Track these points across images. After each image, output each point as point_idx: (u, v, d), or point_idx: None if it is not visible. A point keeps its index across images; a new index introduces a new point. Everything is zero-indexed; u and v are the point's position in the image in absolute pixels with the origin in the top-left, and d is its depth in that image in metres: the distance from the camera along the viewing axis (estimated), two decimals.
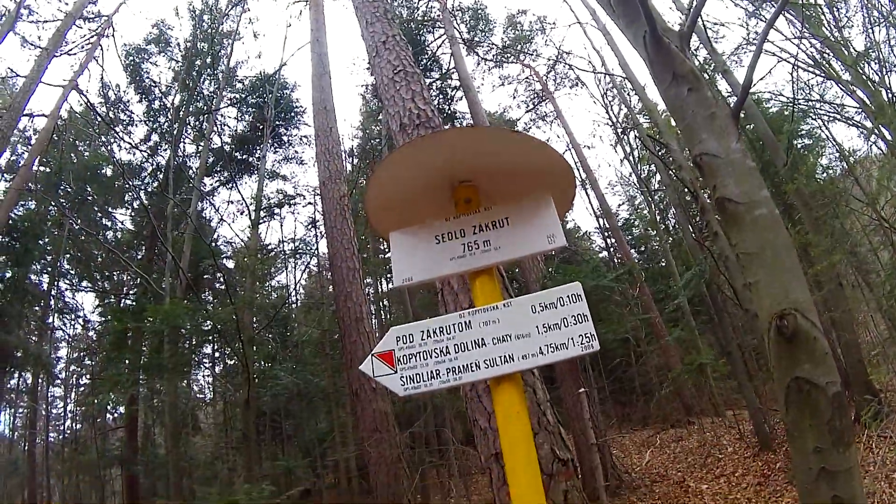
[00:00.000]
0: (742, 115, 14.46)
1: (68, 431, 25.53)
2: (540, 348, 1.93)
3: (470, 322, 2.03)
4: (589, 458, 8.36)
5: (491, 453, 4.09)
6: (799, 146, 15.13)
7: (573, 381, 10.48)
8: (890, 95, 13.39)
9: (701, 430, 15.38)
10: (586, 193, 30.04)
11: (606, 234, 29.09)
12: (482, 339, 1.99)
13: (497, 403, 1.94)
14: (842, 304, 11.86)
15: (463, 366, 1.97)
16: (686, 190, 14.92)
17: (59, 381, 25.24)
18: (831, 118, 16.36)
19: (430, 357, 2.02)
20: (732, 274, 11.60)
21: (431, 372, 2.00)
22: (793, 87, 14.24)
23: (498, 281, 2.18)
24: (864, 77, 13.71)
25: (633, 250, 27.72)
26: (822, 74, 14.99)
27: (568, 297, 2.00)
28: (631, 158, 26.59)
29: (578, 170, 27.59)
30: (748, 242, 3.13)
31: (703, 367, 15.59)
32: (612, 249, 29.07)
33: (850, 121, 15.74)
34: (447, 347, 2.01)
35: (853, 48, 14.25)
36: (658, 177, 22.90)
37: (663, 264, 24.98)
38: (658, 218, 25.74)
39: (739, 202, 3.16)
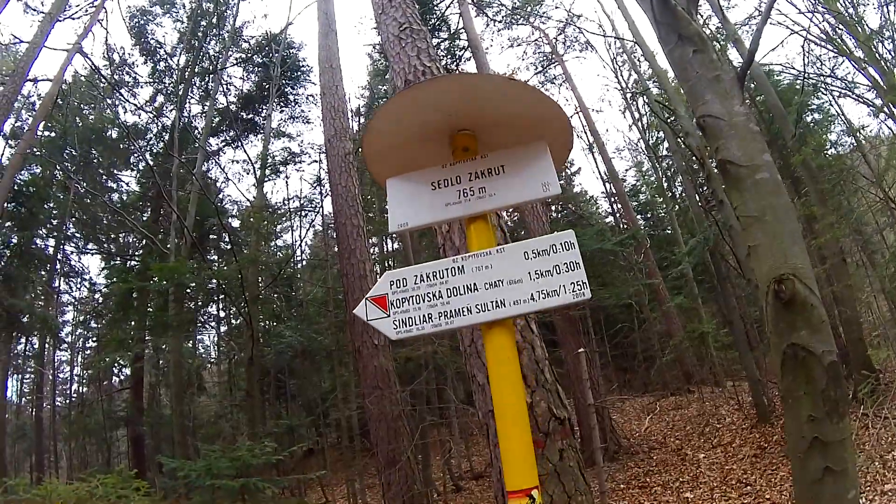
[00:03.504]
0: (752, 86, 14.39)
1: (75, 395, 25.84)
2: (531, 294, 1.94)
3: (463, 267, 2.04)
4: (587, 420, 8.41)
5: (488, 409, 4.08)
6: (808, 120, 14.97)
7: (574, 342, 10.52)
8: None
9: (701, 399, 15.47)
10: (593, 158, 29.88)
11: (613, 199, 28.97)
12: (474, 283, 2.00)
13: (488, 348, 1.95)
14: (844, 280, 11.81)
15: (455, 310, 1.99)
16: (693, 157, 14.81)
17: (65, 345, 25.53)
18: (841, 94, 16.23)
19: (423, 301, 2.03)
20: (736, 243, 11.58)
21: (424, 316, 2.02)
22: (803, 59, 14.13)
23: (493, 228, 2.19)
24: (876, 55, 13.55)
25: (639, 216, 27.66)
26: (834, 50, 14.82)
27: (561, 244, 2.00)
28: (640, 124, 26.42)
29: (586, 133, 27.49)
30: (749, 205, 3.13)
31: (705, 336, 15.64)
32: (618, 215, 28.99)
33: (860, 98, 15.60)
34: (440, 292, 2.02)
35: (867, 25, 14.08)
36: (666, 143, 22.72)
37: (669, 231, 24.94)
38: (665, 185, 25.62)
39: (741, 165, 3.16)
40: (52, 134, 21.25)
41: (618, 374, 22.82)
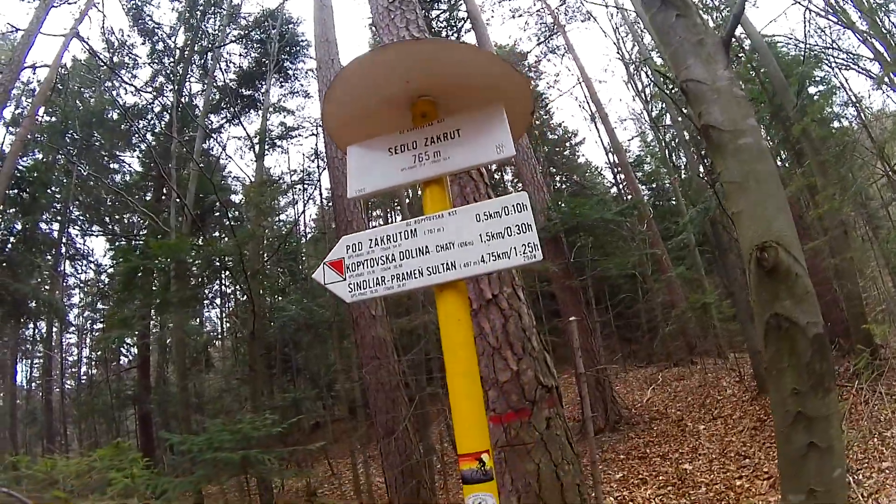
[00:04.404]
0: (755, 56, 14.21)
1: (83, 377, 26.07)
2: (482, 256, 1.96)
3: (415, 230, 2.07)
4: (579, 387, 8.44)
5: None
6: (812, 92, 14.82)
7: (576, 312, 10.56)
8: None
9: (703, 370, 15.48)
10: (596, 128, 29.67)
11: (616, 169, 28.87)
12: (426, 246, 2.03)
13: (440, 310, 1.98)
14: (846, 253, 11.71)
15: (407, 272, 2.02)
16: (695, 127, 14.70)
17: (73, 328, 25.72)
18: (845, 66, 16.03)
19: (377, 264, 2.07)
20: None
21: (378, 279, 2.05)
22: (804, 29, 13.95)
23: (447, 191, 2.19)
24: (881, 28, 13.37)
25: (643, 187, 27.55)
26: (838, 21, 14.62)
27: (513, 206, 2.01)
28: (643, 95, 26.21)
29: (589, 104, 27.33)
30: (733, 171, 3.06)
31: (708, 307, 15.62)
32: (621, 185, 28.91)
33: (863, 70, 15.42)
34: (393, 255, 2.06)
35: None
36: (668, 115, 22.59)
37: (674, 202, 24.85)
38: (668, 155, 25.49)
39: (724, 129, 3.08)
40: (53, 119, 21.26)
41: (622, 345, 22.83)
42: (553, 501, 3.84)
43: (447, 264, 1.97)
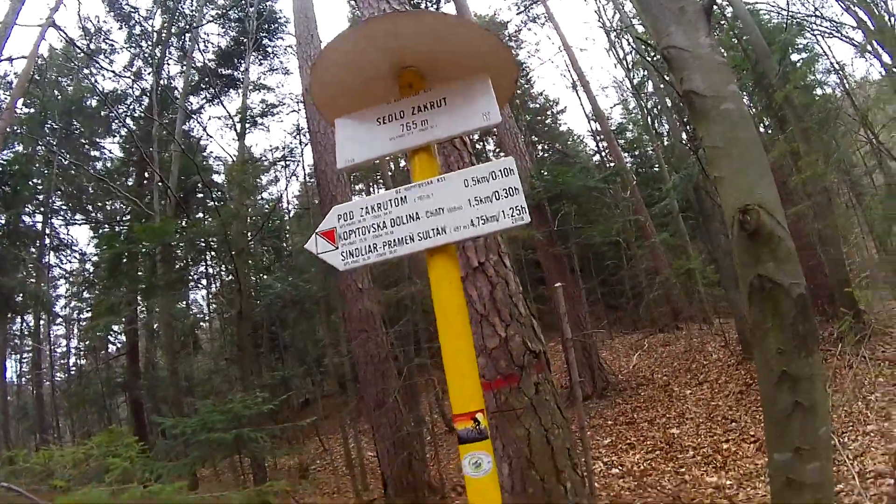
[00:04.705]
0: (738, 24, 14.21)
1: (73, 368, 26.03)
2: (471, 220, 2.01)
3: (405, 197, 2.11)
4: (566, 354, 8.52)
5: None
6: (794, 59, 14.87)
7: (561, 280, 10.66)
8: (891, 17, 13.14)
9: (688, 336, 15.65)
10: (578, 96, 29.60)
11: (599, 137, 28.91)
12: (416, 213, 2.07)
13: (431, 275, 2.03)
14: (830, 219, 11.81)
15: (398, 239, 2.07)
16: (676, 94, 14.73)
17: (60, 320, 25.60)
18: (828, 34, 16.11)
19: (369, 232, 2.11)
20: None
21: (369, 246, 2.10)
22: None
23: (436, 159, 2.24)
24: None
25: (625, 154, 27.61)
26: None
27: (500, 170, 2.06)
28: (624, 63, 26.15)
29: (570, 72, 27.23)
30: (714, 136, 3.07)
31: (692, 272, 15.75)
32: (604, 153, 28.98)
33: (846, 38, 15.51)
34: (384, 222, 2.10)
35: None
36: (650, 82, 22.61)
37: (656, 169, 24.96)
38: (651, 123, 25.55)
39: (706, 96, 3.10)
40: (31, 110, 21.07)
41: (607, 312, 23.01)
42: (544, 466, 3.89)
43: (437, 229, 2.02)
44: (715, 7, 3.72)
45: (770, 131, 15.63)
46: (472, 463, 1.85)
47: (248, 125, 22.42)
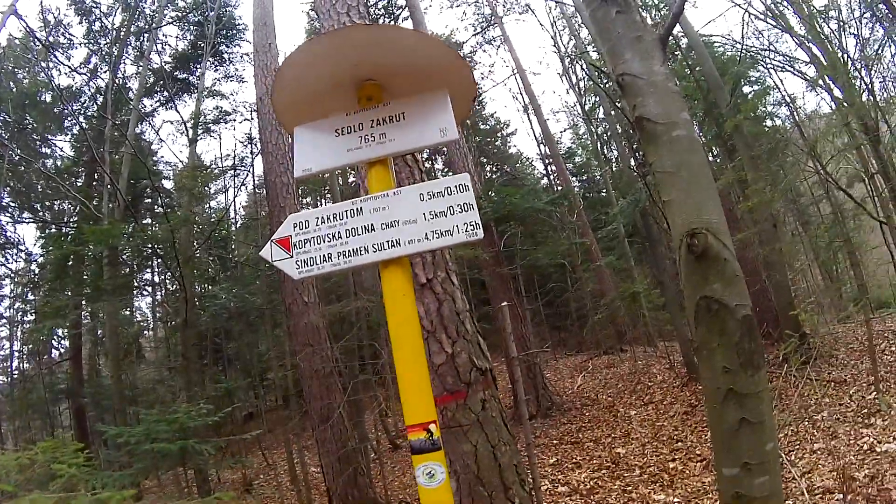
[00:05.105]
0: (692, 54, 14.57)
1: (16, 372, 25.19)
2: (426, 234, 2.04)
3: (361, 209, 2.13)
4: (510, 373, 8.58)
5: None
6: (746, 91, 15.33)
7: (506, 299, 10.73)
8: (844, 53, 13.64)
9: (633, 357, 15.87)
10: (528, 120, 29.97)
11: (548, 160, 29.28)
12: (371, 224, 2.09)
13: (385, 286, 2.05)
14: (775, 244, 12.10)
15: (353, 249, 2.08)
16: (627, 121, 15.05)
17: (3, 321, 24.81)
18: (781, 68, 16.65)
19: (324, 242, 2.12)
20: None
21: (324, 255, 2.11)
22: (742, 31, 14.46)
23: (391, 172, 2.26)
24: (820, 33, 13.90)
25: (574, 178, 28.03)
26: (777, 25, 15.15)
27: (455, 186, 2.10)
28: (577, 88, 26.60)
29: (522, 95, 27.60)
30: (665, 161, 3.14)
31: (637, 295, 16.00)
32: (552, 176, 29.35)
33: (799, 73, 16.05)
34: (339, 232, 2.11)
35: (812, 4, 14.42)
36: (601, 108, 23.07)
37: (604, 194, 25.41)
38: (600, 147, 26.04)
39: (658, 122, 3.17)
40: None
41: (552, 334, 23.24)
42: (492, 481, 3.91)
43: (392, 241, 2.05)
44: (671, 37, 3.82)
45: (719, 160, 16.05)
46: (426, 473, 1.87)
47: (200, 131, 22.16)
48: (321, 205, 27.11)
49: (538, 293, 21.64)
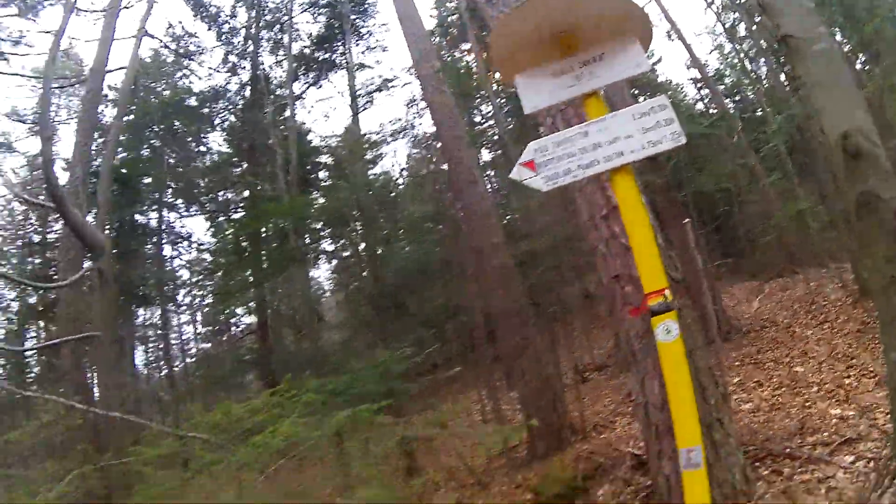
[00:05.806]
0: None
1: (199, 352, 27.37)
2: (643, 144, 2.63)
3: (587, 132, 2.73)
4: (699, 295, 8.77)
5: (611, 276, 4.55)
6: None
7: (679, 222, 10.80)
8: None
9: (805, 279, 15.51)
10: (673, 45, 28.88)
11: (699, 84, 28.28)
12: (598, 142, 2.69)
13: (617, 190, 2.71)
14: None
15: (587, 163, 2.70)
16: (772, 37, 14.49)
17: (184, 308, 27.00)
18: None
19: (563, 159, 2.74)
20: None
21: (565, 170, 2.73)
22: None
23: (603, 101, 2.84)
24: None
25: (727, 100, 26.91)
26: None
27: (657, 105, 2.68)
28: (713, 7, 25.48)
29: (662, 20, 26.79)
30: (811, 73, 3.45)
31: (802, 213, 15.49)
32: (706, 100, 28.32)
33: None
34: (573, 151, 2.73)
35: None
36: (743, 24, 22.13)
37: (759, 112, 24.34)
38: (749, 66, 24.89)
39: (801, 37, 3.50)
40: (132, 117, 21.87)
41: (722, 260, 22.74)
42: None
43: (618, 152, 2.64)
44: None
45: (867, 68, 15.18)
46: (665, 330, 2.44)
47: (364, 102, 23.46)
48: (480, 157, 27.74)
49: (706, 220, 21.27)
